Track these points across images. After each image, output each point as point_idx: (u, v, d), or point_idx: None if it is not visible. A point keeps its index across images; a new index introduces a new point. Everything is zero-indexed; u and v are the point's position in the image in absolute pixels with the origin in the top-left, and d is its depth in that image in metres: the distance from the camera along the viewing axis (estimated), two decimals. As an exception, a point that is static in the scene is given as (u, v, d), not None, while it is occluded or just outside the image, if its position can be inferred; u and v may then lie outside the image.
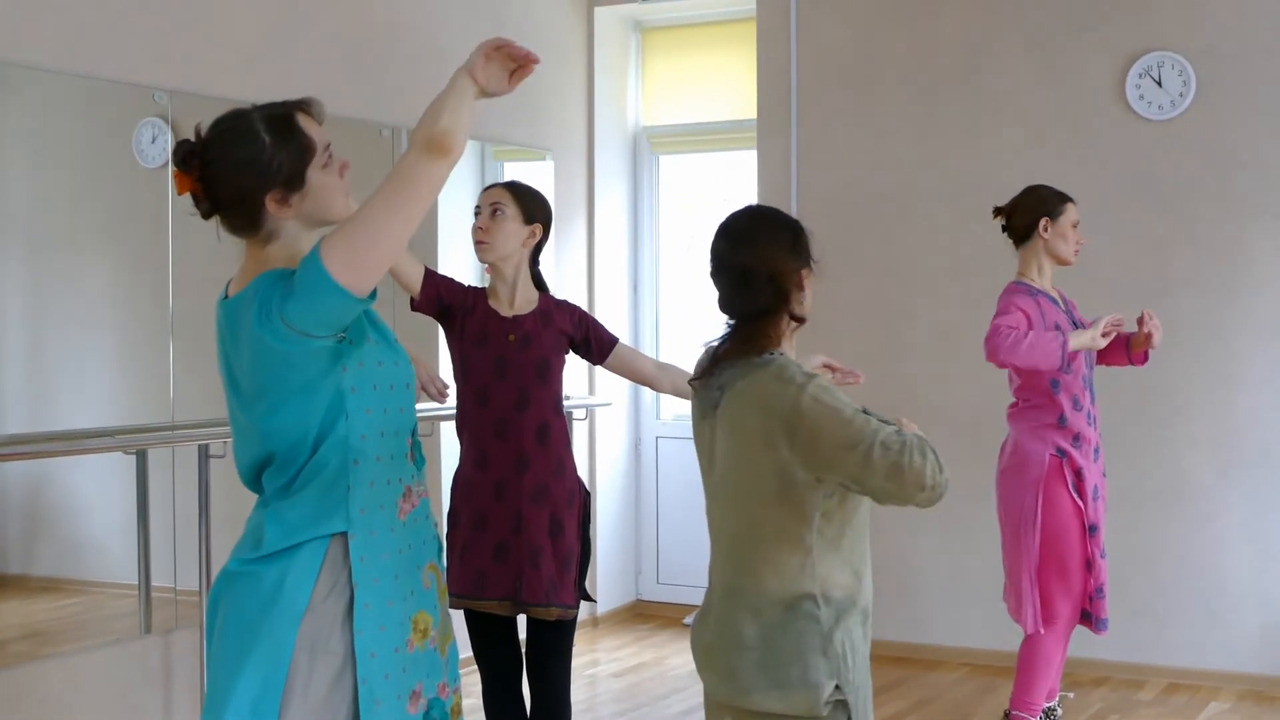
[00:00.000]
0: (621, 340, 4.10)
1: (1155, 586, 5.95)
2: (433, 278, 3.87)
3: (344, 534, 2.42)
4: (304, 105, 2.49)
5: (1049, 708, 4.82)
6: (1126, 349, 4.72)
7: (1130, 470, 5.93)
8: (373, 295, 2.38)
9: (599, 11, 7.02)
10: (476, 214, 3.92)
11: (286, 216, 2.43)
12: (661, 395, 7.35)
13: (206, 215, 2.46)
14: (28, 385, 4.58)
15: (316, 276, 2.28)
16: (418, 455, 2.57)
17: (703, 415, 2.81)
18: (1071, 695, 5.46)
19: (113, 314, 4.93)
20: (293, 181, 2.42)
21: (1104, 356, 4.76)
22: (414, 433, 2.58)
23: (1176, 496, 5.94)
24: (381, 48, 5.69)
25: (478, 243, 3.89)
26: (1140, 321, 4.61)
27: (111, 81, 4.62)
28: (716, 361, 2.76)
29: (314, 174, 2.44)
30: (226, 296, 2.49)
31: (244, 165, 2.39)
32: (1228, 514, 5.87)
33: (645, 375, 4.12)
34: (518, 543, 3.84)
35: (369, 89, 5.60)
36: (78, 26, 4.50)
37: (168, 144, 4.81)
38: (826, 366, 3.12)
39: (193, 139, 2.43)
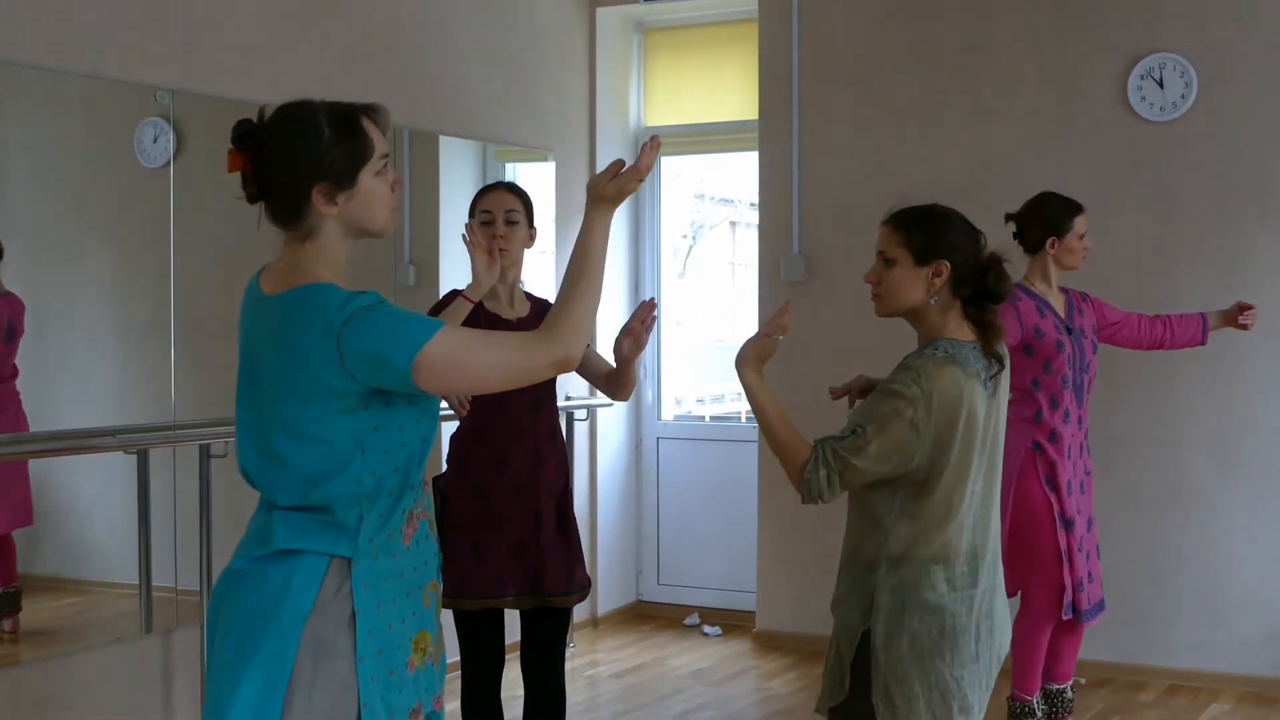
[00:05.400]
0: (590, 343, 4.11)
1: (1156, 588, 5.95)
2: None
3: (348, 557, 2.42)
4: (371, 110, 2.49)
5: (1059, 690, 4.92)
6: (1202, 329, 5.05)
7: (1132, 472, 5.93)
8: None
9: (601, 12, 7.02)
10: (486, 219, 3.90)
11: (330, 214, 2.42)
12: (663, 395, 7.36)
13: (252, 199, 2.44)
14: (29, 384, 4.57)
15: (400, 366, 2.31)
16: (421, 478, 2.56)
17: (989, 398, 3.04)
18: (1083, 680, 5.53)
19: (114, 314, 4.94)
20: (343, 179, 2.41)
21: (1178, 338, 5.04)
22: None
23: (1178, 498, 5.94)
24: (384, 47, 5.69)
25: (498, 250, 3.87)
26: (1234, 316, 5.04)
27: (113, 81, 4.62)
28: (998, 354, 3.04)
29: (366, 177, 2.43)
30: (260, 289, 2.46)
31: (299, 152, 2.39)
32: (1229, 516, 5.87)
33: (603, 378, 3.97)
34: (537, 539, 3.89)
35: (371, 89, 5.59)
36: (79, 26, 4.50)
37: (169, 144, 4.81)
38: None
39: (254, 120, 2.42)
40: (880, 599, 2.97)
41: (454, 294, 3.98)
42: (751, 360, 3.03)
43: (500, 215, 3.89)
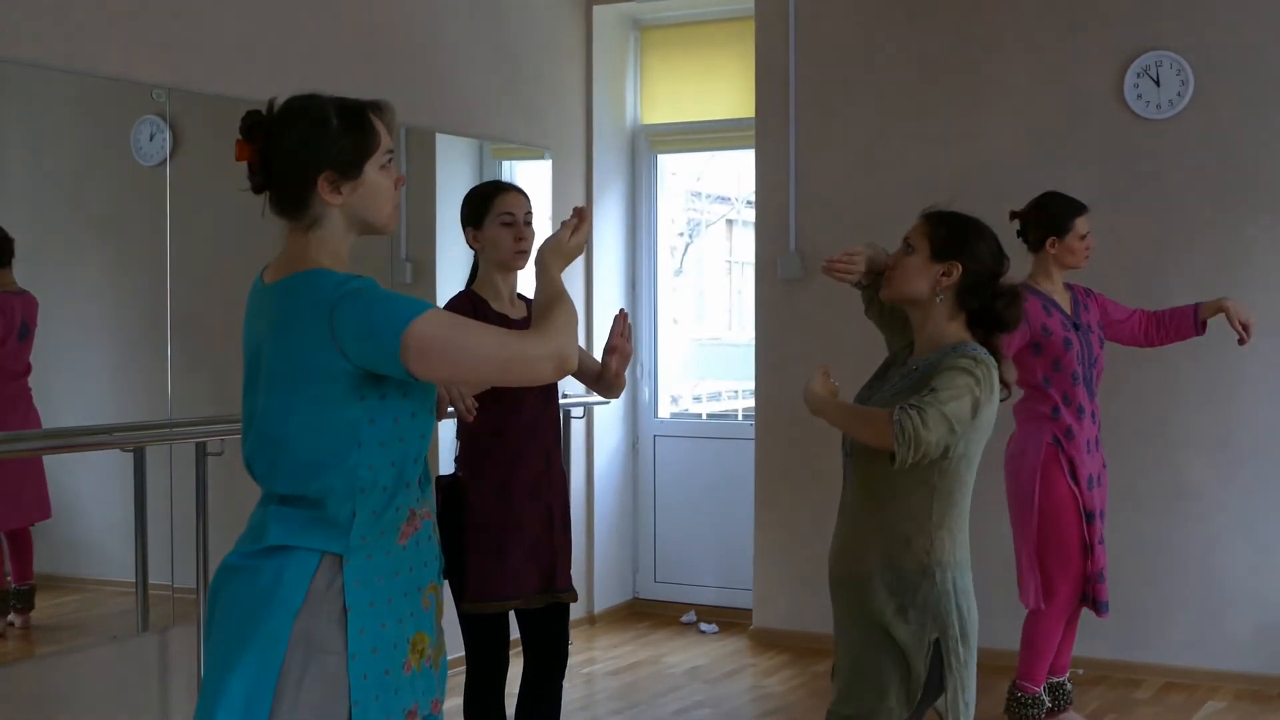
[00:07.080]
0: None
1: (1152, 585, 5.95)
2: None
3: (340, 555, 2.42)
4: (377, 107, 2.53)
5: (1058, 682, 4.99)
6: (1194, 319, 5.02)
7: (1128, 468, 5.93)
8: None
9: (597, 10, 7.02)
10: (508, 220, 3.90)
11: (334, 203, 2.44)
12: (660, 392, 7.36)
13: (258, 189, 2.47)
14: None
15: (389, 341, 2.31)
16: (424, 477, 2.55)
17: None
18: (1081, 671, 5.56)
19: (110, 311, 4.93)
20: (349, 169, 2.44)
21: (1171, 334, 5.04)
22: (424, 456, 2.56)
23: (1174, 495, 5.94)
24: (382, 45, 5.69)
25: (520, 253, 3.89)
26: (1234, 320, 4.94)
27: (110, 79, 4.61)
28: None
29: (371, 170, 2.47)
30: (263, 281, 2.49)
31: (307, 140, 2.42)
32: (1225, 512, 5.88)
33: (594, 378, 3.93)
34: (551, 536, 3.95)
35: (369, 86, 5.54)
36: (76, 24, 4.50)
37: (166, 142, 4.81)
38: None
39: (263, 111, 2.45)
40: (944, 606, 3.02)
41: (462, 296, 3.96)
42: (825, 392, 3.19)
43: (521, 217, 3.93)
